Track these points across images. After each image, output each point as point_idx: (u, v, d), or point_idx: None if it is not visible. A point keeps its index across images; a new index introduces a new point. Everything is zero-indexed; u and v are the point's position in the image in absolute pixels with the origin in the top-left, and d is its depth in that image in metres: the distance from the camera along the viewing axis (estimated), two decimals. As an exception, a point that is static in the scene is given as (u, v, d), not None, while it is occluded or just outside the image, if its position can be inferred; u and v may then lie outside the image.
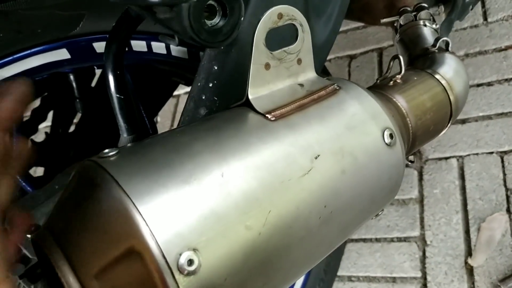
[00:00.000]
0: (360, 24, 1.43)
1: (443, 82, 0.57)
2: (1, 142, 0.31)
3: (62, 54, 0.61)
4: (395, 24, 0.76)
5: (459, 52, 1.24)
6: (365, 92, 0.45)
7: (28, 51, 0.58)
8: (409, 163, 0.61)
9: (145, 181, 0.31)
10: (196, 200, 0.31)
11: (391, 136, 0.43)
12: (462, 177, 1.09)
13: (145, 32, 0.64)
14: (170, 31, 0.59)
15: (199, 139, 0.35)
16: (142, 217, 0.29)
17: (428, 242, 1.06)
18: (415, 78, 0.56)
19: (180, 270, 0.29)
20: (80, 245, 0.31)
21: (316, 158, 0.37)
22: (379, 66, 1.36)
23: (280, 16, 0.40)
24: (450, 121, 0.58)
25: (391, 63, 0.54)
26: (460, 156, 1.12)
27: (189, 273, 0.29)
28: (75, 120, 0.91)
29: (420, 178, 1.14)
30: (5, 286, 0.29)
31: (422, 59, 0.64)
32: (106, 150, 0.34)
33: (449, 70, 0.60)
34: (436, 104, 0.55)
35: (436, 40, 0.65)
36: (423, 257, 1.05)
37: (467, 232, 1.03)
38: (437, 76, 0.58)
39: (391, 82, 0.54)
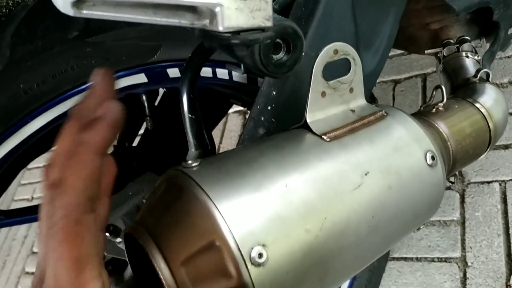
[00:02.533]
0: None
1: (483, 110, 0.62)
2: (98, 166, 0.33)
3: (141, 78, 0.69)
4: (438, 55, 0.81)
5: (503, 80, 1.27)
6: (409, 118, 0.50)
7: (114, 75, 0.67)
8: (450, 183, 0.66)
9: (223, 188, 0.37)
10: (264, 205, 0.37)
11: (432, 158, 0.48)
12: (504, 201, 1.11)
13: (212, 60, 0.72)
14: (239, 62, 0.67)
15: (265, 155, 0.42)
16: (222, 216, 0.35)
17: (469, 264, 1.08)
18: (456, 106, 0.61)
19: (252, 261, 0.35)
20: (170, 238, 0.37)
21: (366, 174, 0.43)
22: (423, 91, 1.40)
23: (335, 51, 0.47)
24: (489, 147, 0.62)
25: (434, 92, 0.60)
26: (503, 181, 1.14)
27: (259, 265, 0.35)
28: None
29: (462, 201, 1.17)
30: (99, 282, 0.31)
31: (463, 89, 0.69)
32: (189, 162, 0.41)
33: (489, 99, 0.64)
34: (476, 131, 0.60)
35: (477, 71, 0.70)
36: (464, 278, 1.07)
37: (508, 255, 1.05)
38: (477, 105, 0.62)
39: (434, 110, 0.59)
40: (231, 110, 1.80)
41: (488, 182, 1.15)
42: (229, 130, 1.76)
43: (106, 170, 0.36)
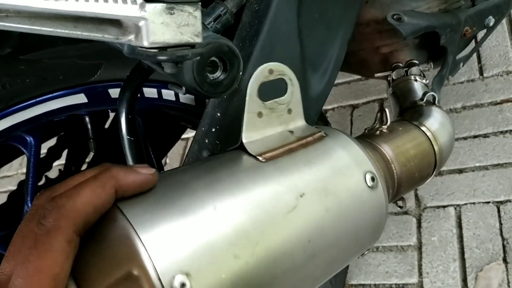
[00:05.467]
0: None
1: (428, 134, 0.62)
2: (108, 202, 0.34)
3: (80, 98, 0.66)
4: (388, 78, 0.81)
5: (456, 105, 1.29)
6: (349, 139, 0.49)
7: (50, 95, 0.64)
8: (399, 208, 0.64)
9: (146, 211, 0.34)
10: (190, 230, 0.35)
11: (372, 179, 0.46)
12: (459, 225, 1.12)
13: (156, 80, 0.70)
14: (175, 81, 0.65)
15: (197, 177, 0.39)
16: (141, 241, 0.32)
17: (426, 290, 1.07)
18: (400, 129, 0.60)
19: None
20: (87, 269, 0.34)
21: (301, 196, 0.41)
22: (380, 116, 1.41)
23: (271, 71, 0.45)
24: (435, 170, 0.62)
25: (378, 115, 0.59)
26: (458, 205, 1.14)
27: None
28: (87, 160, 0.96)
29: (419, 225, 1.17)
30: (72, 244, 0.31)
31: (410, 112, 0.69)
32: None
33: (434, 122, 0.64)
34: (420, 153, 0.59)
35: (424, 94, 0.70)
36: (421, 304, 1.06)
37: (464, 280, 1.04)
38: (423, 128, 0.62)
39: (378, 132, 0.58)
40: (191, 135, 1.77)
41: (444, 206, 1.16)
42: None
43: None
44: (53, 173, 0.92)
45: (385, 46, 0.81)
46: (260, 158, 0.43)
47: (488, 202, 1.11)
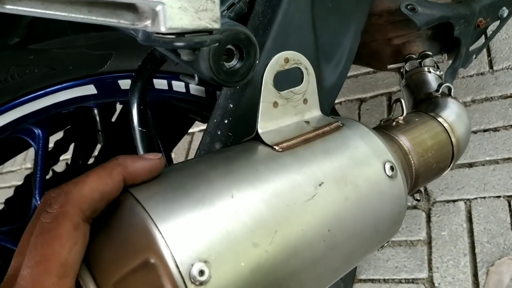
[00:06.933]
0: (370, 69, 1.48)
1: (445, 124, 0.60)
2: (115, 192, 0.33)
3: (90, 89, 0.65)
4: (401, 70, 0.80)
5: (466, 98, 1.28)
6: (366, 129, 0.48)
7: (59, 86, 0.63)
8: (416, 200, 0.63)
9: (162, 200, 0.33)
10: (207, 217, 0.34)
11: (392, 168, 0.45)
12: (469, 220, 1.11)
13: (166, 71, 0.68)
14: (191, 72, 0.64)
15: (213, 167, 0.38)
16: (158, 229, 0.31)
17: (436, 284, 1.06)
18: (417, 119, 0.59)
19: (192, 280, 0.31)
20: (102, 259, 0.33)
21: (320, 185, 0.40)
22: (389, 110, 1.40)
23: (286, 60, 0.44)
24: (452, 162, 0.61)
25: (394, 105, 0.58)
26: (468, 199, 1.13)
27: (200, 283, 0.31)
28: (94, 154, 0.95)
29: (428, 220, 1.16)
30: (80, 230, 0.30)
31: (425, 103, 0.68)
32: None
33: (451, 113, 0.63)
34: (437, 143, 0.58)
35: (439, 85, 0.69)
36: (431, 299, 1.05)
37: (475, 275, 1.03)
38: (439, 119, 0.61)
39: (394, 123, 0.57)
40: (196, 129, 1.76)
41: (454, 201, 1.15)
42: (194, 149, 1.72)
43: None
44: (59, 167, 0.91)
45: (398, 37, 0.80)
46: (277, 148, 0.42)
47: (499, 197, 1.09)
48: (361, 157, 0.45)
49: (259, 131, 0.43)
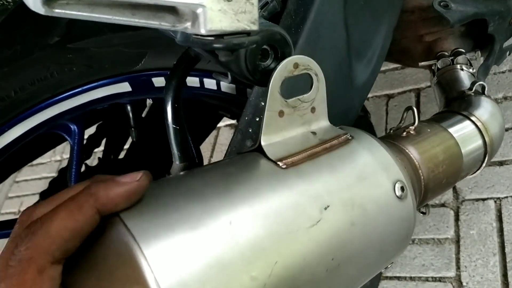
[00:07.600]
0: (399, 65, 1.47)
1: (478, 124, 0.60)
2: (93, 221, 0.30)
3: (125, 87, 0.67)
4: (432, 68, 0.79)
5: (498, 95, 1.25)
6: (377, 143, 0.45)
7: (96, 84, 0.64)
8: (421, 214, 0.60)
9: (152, 225, 0.30)
10: (202, 247, 0.31)
11: (402, 189, 0.43)
12: (499, 219, 1.09)
13: (199, 69, 0.70)
14: (226, 71, 0.65)
15: (210, 184, 0.36)
16: (147, 262, 0.28)
17: (464, 284, 1.05)
18: (429, 130, 0.56)
19: None
20: (83, 285, 0.31)
21: (325, 208, 0.37)
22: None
23: (296, 65, 0.42)
24: (485, 162, 0.60)
25: (405, 114, 0.56)
26: (498, 198, 1.11)
27: None
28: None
29: (457, 218, 1.14)
30: (46, 274, 0.28)
31: (458, 102, 0.67)
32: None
33: (484, 112, 0.62)
34: (449, 158, 0.55)
35: (473, 83, 0.68)
36: (459, 298, 1.04)
37: (504, 275, 1.02)
38: (472, 118, 0.60)
39: (404, 133, 0.55)
40: (222, 124, 1.77)
41: (483, 199, 1.13)
42: (220, 144, 1.73)
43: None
44: (91, 161, 0.93)
45: (430, 34, 0.79)
46: (281, 164, 0.39)
47: (530, 196, 1.08)
48: (371, 176, 0.42)
49: (263, 143, 0.40)
